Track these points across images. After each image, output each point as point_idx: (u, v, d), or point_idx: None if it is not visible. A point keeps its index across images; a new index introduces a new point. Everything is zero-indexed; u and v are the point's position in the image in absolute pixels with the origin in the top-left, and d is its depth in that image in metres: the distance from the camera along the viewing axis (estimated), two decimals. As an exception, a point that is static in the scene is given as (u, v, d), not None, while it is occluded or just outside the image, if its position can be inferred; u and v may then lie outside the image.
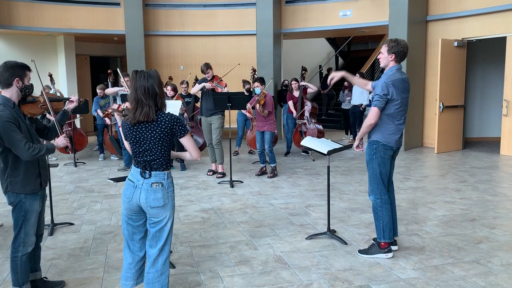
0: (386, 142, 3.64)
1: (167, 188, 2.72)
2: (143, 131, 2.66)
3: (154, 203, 2.67)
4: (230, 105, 6.35)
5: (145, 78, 2.64)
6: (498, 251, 3.83)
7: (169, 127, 2.66)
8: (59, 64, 12.02)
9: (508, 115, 8.39)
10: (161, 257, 2.76)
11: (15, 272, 2.93)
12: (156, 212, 2.70)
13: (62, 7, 10.77)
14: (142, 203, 2.69)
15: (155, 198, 2.67)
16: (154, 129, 2.65)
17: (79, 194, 6.05)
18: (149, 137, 2.66)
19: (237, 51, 11.58)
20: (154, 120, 2.63)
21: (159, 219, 2.71)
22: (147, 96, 2.62)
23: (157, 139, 2.66)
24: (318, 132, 8.56)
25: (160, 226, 2.72)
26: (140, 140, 2.69)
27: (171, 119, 2.67)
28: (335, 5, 10.81)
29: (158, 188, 2.68)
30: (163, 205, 2.69)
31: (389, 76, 3.58)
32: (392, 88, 3.52)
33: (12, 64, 2.90)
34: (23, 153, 2.78)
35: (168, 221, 2.74)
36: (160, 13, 11.48)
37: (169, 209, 2.73)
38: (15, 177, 2.88)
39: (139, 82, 2.64)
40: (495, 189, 6.02)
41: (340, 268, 3.54)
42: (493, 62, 9.97)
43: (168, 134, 2.67)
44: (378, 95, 3.55)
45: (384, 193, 3.71)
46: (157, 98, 2.65)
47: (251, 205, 5.39)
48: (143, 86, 2.63)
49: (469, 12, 8.74)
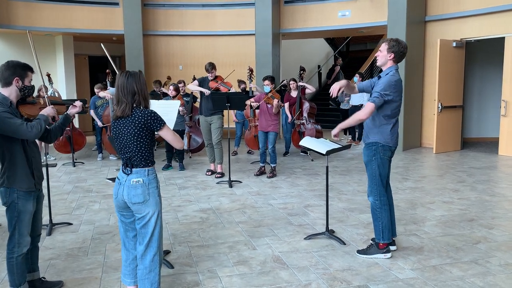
0: (385, 143, 3.64)
1: (147, 184, 2.76)
2: (121, 126, 2.74)
3: (135, 199, 2.73)
4: (229, 105, 6.35)
5: (125, 77, 2.73)
6: (496, 251, 3.84)
7: (143, 121, 2.69)
8: (58, 64, 12.01)
9: (506, 116, 8.41)
10: (148, 253, 2.79)
11: (12, 273, 2.92)
12: (138, 208, 2.75)
13: (61, 6, 10.76)
14: (125, 199, 2.76)
15: (135, 194, 2.73)
16: (129, 124, 2.70)
17: (77, 194, 6.04)
18: (126, 132, 2.72)
19: (236, 51, 11.59)
20: (128, 115, 2.70)
21: (142, 215, 2.76)
22: (126, 93, 2.70)
23: (132, 134, 2.71)
24: (317, 132, 8.56)
25: (143, 222, 2.77)
26: (119, 136, 2.76)
27: (144, 113, 2.71)
28: (334, 5, 10.82)
29: (138, 185, 2.73)
30: (143, 201, 2.74)
31: (392, 76, 3.56)
32: (394, 88, 3.52)
33: (14, 64, 2.92)
34: (28, 134, 2.79)
35: (152, 217, 2.77)
36: (159, 13, 11.48)
37: (151, 205, 2.76)
38: (12, 172, 2.87)
39: (120, 81, 2.74)
40: (493, 189, 6.03)
41: (338, 268, 3.54)
42: (491, 62, 9.98)
43: (143, 129, 2.71)
44: (378, 93, 3.51)
45: (383, 194, 3.71)
46: (135, 96, 2.71)
47: (249, 205, 5.38)
48: (122, 84, 2.72)
49: (468, 13, 8.75)
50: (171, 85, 7.78)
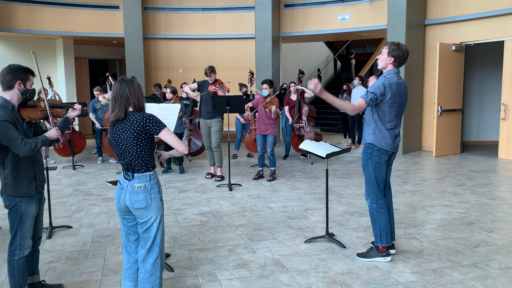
0: (380, 146, 3.63)
1: (149, 190, 2.75)
2: (119, 131, 2.73)
3: (137, 204, 2.73)
4: (229, 108, 6.36)
5: (119, 83, 2.75)
6: (496, 254, 3.84)
7: (141, 125, 2.68)
8: (58, 67, 12.03)
9: (506, 119, 8.42)
10: (150, 257, 2.79)
11: (12, 275, 2.92)
12: (140, 213, 2.75)
13: (61, 10, 10.79)
14: (127, 204, 2.76)
15: (137, 199, 2.72)
16: (127, 128, 2.69)
17: (77, 197, 6.04)
18: (124, 137, 2.71)
19: (236, 54, 11.62)
20: (123, 118, 2.70)
21: (144, 220, 2.76)
22: (119, 99, 2.71)
23: (130, 138, 2.69)
24: (316, 135, 8.57)
25: (146, 227, 2.77)
26: (118, 141, 2.75)
27: (142, 117, 2.70)
28: (334, 9, 10.86)
29: (140, 190, 2.73)
30: (145, 206, 2.74)
31: (387, 79, 3.58)
32: (388, 89, 3.52)
33: (16, 67, 2.93)
34: (20, 150, 2.80)
35: (154, 222, 2.77)
36: (159, 16, 11.51)
37: (153, 210, 2.76)
38: (11, 179, 2.88)
39: (114, 87, 2.75)
40: (493, 192, 6.03)
41: (338, 271, 3.54)
42: (491, 66, 10.01)
43: (142, 133, 2.69)
44: (372, 93, 3.54)
45: (380, 197, 3.71)
46: (128, 99, 2.71)
47: (249, 209, 5.39)
48: (116, 90, 2.73)
49: (467, 17, 8.78)
50: (168, 87, 7.78)
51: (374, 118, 3.63)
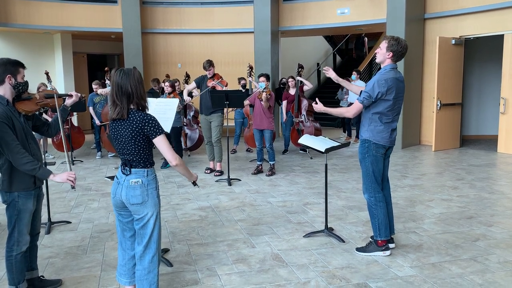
0: (376, 141, 3.62)
1: (146, 185, 2.72)
2: (119, 128, 2.70)
3: (133, 200, 2.69)
4: (228, 103, 6.34)
5: (120, 76, 2.64)
6: (495, 248, 3.84)
7: (140, 126, 2.63)
8: (56, 62, 11.97)
9: (505, 113, 8.41)
10: (147, 254, 2.76)
11: (10, 271, 2.92)
12: (136, 209, 2.72)
13: (59, 4, 10.72)
14: (123, 199, 2.72)
15: (133, 195, 2.69)
16: (127, 127, 2.66)
17: (76, 192, 6.03)
18: (124, 134, 2.68)
19: (235, 49, 11.57)
20: (125, 118, 2.64)
21: (140, 216, 2.73)
22: (120, 94, 2.63)
23: (129, 137, 2.66)
24: (316, 129, 8.56)
25: (142, 223, 2.74)
26: (117, 137, 2.72)
27: (142, 118, 2.64)
28: (333, 3, 10.80)
29: (137, 186, 2.70)
30: (142, 202, 2.70)
31: (382, 75, 3.55)
32: (384, 87, 3.49)
33: (4, 61, 2.87)
34: (15, 160, 2.76)
35: (151, 218, 2.74)
36: (157, 10, 11.45)
37: (149, 206, 2.73)
38: (8, 174, 2.86)
39: (113, 79, 2.65)
40: (492, 186, 6.03)
41: (337, 266, 3.54)
42: (490, 60, 9.97)
43: (139, 134, 2.65)
44: (367, 93, 3.54)
45: (378, 191, 3.70)
46: (130, 97, 2.64)
47: (248, 203, 5.38)
48: (117, 84, 2.64)
49: (467, 10, 8.74)
50: (167, 81, 7.74)
51: (370, 113, 3.62)
